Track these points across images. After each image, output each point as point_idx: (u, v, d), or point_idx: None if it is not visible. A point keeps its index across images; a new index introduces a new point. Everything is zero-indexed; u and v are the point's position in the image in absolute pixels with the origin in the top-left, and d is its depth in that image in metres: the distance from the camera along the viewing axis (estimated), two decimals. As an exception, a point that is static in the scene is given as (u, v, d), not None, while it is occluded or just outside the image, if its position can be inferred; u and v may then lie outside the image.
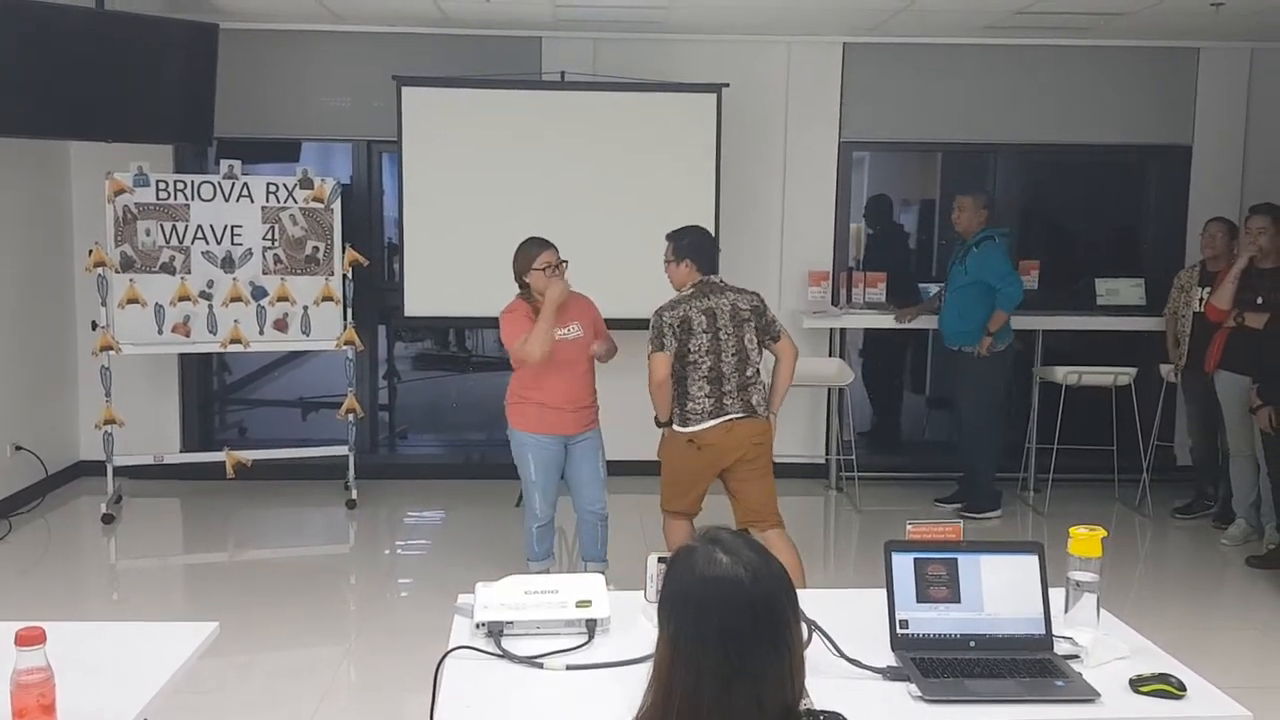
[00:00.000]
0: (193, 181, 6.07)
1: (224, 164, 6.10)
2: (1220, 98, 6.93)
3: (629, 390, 5.46)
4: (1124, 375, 6.25)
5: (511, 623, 2.40)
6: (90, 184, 6.32)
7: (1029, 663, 2.31)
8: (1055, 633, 2.40)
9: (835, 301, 6.89)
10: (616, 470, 6.49)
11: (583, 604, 2.45)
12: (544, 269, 4.51)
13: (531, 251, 4.55)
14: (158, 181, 6.00)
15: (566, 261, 4.58)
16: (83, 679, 2.03)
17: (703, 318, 4.39)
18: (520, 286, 4.61)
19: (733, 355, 4.40)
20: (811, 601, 2.39)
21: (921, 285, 7.25)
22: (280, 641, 4.52)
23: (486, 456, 7.52)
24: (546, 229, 4.72)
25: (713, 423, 4.38)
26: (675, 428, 4.47)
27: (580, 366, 4.67)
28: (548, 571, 4.75)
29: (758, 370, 4.47)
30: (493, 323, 4.75)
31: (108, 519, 5.98)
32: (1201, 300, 5.91)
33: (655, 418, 4.55)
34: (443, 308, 6.54)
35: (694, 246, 4.56)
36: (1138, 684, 2.24)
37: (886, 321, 6.60)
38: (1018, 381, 6.63)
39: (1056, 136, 7.01)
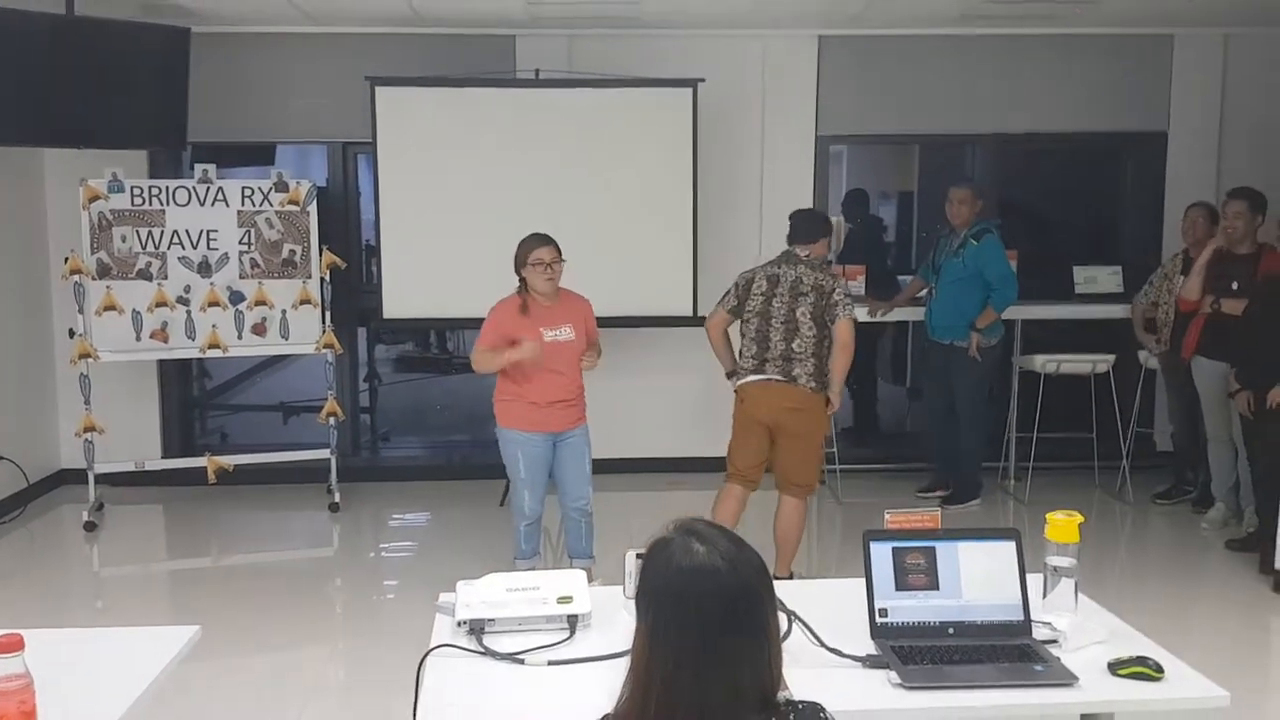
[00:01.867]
0: (167, 187, 6.04)
1: (198, 168, 6.07)
2: (1195, 84, 6.96)
3: (616, 390, 5.48)
4: (1103, 362, 6.29)
5: (493, 620, 2.40)
6: (64, 191, 6.27)
7: (1008, 648, 2.33)
8: (1034, 618, 2.42)
9: (815, 294, 6.88)
10: (604, 468, 6.49)
11: (564, 600, 2.46)
12: (538, 265, 4.51)
13: (529, 246, 4.55)
14: (132, 187, 5.97)
15: (565, 260, 4.58)
16: (64, 685, 2.03)
17: (764, 282, 4.77)
18: (519, 280, 4.60)
19: (781, 323, 4.68)
20: (792, 592, 2.41)
21: (901, 277, 7.28)
22: (265, 644, 4.51)
23: (469, 457, 7.52)
24: (523, 227, 4.72)
25: (752, 378, 4.71)
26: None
27: (568, 367, 4.67)
28: (535, 569, 4.76)
29: (812, 345, 4.64)
30: (473, 324, 4.75)
31: (90, 526, 5.95)
32: None
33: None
34: (422, 309, 6.52)
35: (792, 219, 4.97)
36: (1116, 667, 2.26)
37: (864, 315, 6.61)
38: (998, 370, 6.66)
39: (1033, 125, 7.03)
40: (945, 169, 7.87)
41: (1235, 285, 5.57)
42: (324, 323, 6.26)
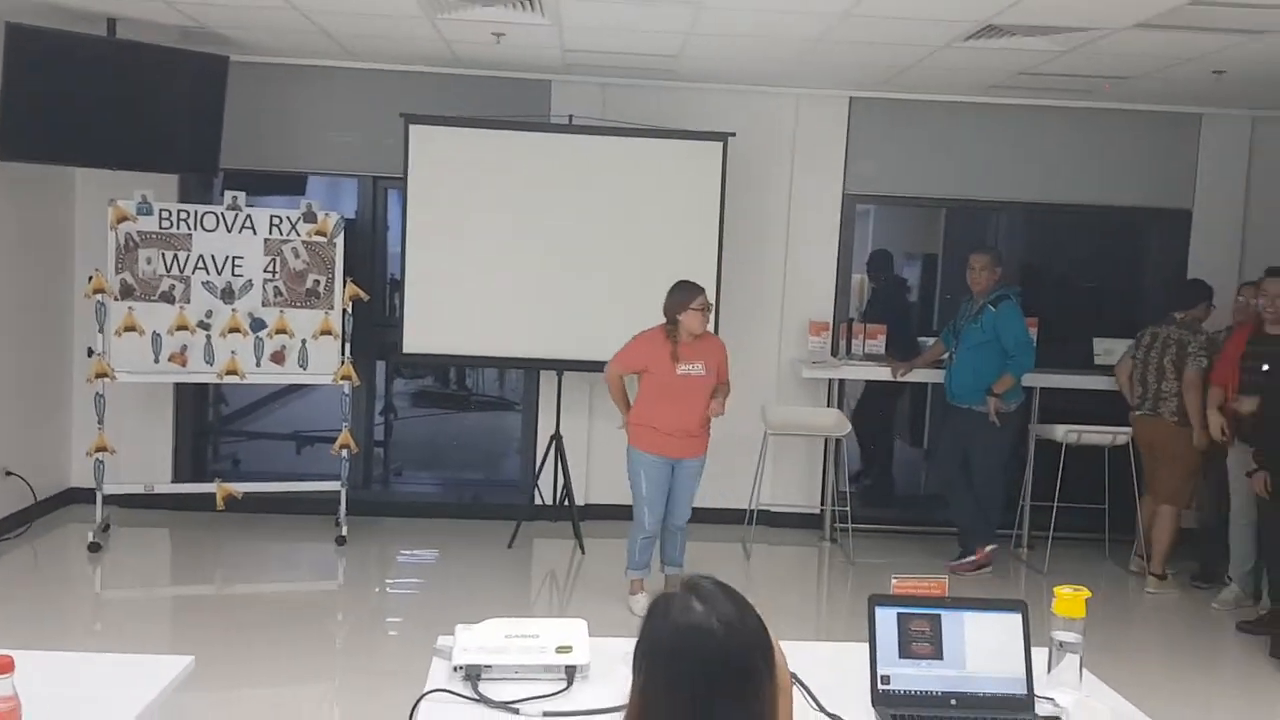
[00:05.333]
0: (196, 211, 6.10)
1: (228, 195, 6.13)
2: (1221, 163, 6.97)
3: (620, 435, 5.45)
4: (1123, 435, 6.22)
5: (490, 666, 2.37)
6: (93, 210, 6.32)
7: (1010, 723, 2.28)
8: (1037, 693, 2.37)
9: (835, 352, 6.89)
10: (606, 515, 6.45)
11: (563, 649, 2.43)
12: (700, 310, 5.05)
13: (691, 292, 5.08)
14: (161, 210, 6.03)
15: (712, 305, 5.21)
16: (54, 709, 2.01)
17: (1146, 337, 6.12)
18: (669, 322, 5.10)
19: (1154, 370, 6.03)
20: (793, 654, 2.36)
21: (922, 339, 7.26)
22: (264, 678, 4.48)
23: (481, 496, 7.50)
24: (548, 272, 4.76)
25: (1135, 413, 6.16)
26: None
27: (694, 401, 5.15)
28: (644, 581, 5.34)
29: (1175, 387, 5.91)
30: (491, 363, 4.77)
31: (94, 547, 5.94)
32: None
33: None
34: (442, 345, 6.51)
35: (1170, 288, 6.40)
36: (1120, 749, 2.21)
37: (885, 374, 6.60)
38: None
39: (1058, 196, 7.04)
40: (970, 234, 7.87)
41: (1265, 366, 5.50)
42: (343, 354, 6.28)
